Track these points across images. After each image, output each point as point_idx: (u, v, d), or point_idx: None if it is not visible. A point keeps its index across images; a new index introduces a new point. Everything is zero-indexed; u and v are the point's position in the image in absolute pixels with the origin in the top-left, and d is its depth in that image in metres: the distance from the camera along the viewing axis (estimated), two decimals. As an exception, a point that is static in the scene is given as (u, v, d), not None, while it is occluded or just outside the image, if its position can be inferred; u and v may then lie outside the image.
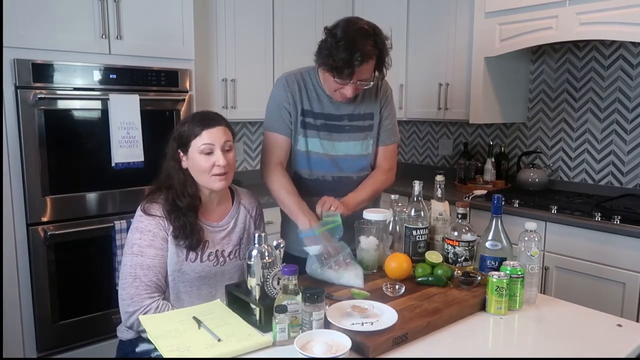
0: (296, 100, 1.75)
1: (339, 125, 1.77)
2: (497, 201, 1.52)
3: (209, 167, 1.48)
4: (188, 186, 1.52)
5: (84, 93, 2.32)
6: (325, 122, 1.76)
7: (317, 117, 1.76)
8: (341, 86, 1.64)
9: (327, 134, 1.77)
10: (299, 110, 1.75)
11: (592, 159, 2.91)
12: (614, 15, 2.33)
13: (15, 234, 2.21)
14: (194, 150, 1.48)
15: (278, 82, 1.80)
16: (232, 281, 1.60)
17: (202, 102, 2.84)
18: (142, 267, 1.45)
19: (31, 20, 2.16)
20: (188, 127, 1.50)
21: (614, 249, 2.25)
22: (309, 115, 1.75)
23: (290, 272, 1.20)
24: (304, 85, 1.77)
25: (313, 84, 1.77)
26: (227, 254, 1.59)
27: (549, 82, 3.07)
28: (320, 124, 1.76)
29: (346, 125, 1.78)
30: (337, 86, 1.66)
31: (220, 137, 1.49)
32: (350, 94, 1.65)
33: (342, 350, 1.07)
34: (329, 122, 1.77)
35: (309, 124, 1.76)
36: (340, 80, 1.61)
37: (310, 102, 1.76)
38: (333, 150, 1.77)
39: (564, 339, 1.25)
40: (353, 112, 1.79)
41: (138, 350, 1.50)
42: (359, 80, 1.63)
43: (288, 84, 1.76)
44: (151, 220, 1.48)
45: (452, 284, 1.48)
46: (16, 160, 2.19)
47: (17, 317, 2.25)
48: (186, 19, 2.60)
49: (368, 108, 1.81)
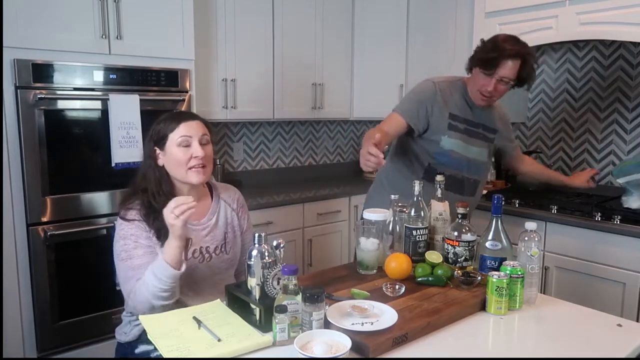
0: (446, 103, 1.96)
1: (476, 131, 2.02)
2: (497, 201, 1.52)
3: (187, 159, 1.49)
4: (163, 184, 1.52)
5: (84, 93, 2.32)
6: (467, 127, 2.00)
7: (462, 122, 1.99)
8: (484, 83, 1.88)
9: (467, 138, 2.00)
10: (447, 114, 1.96)
11: (592, 159, 2.91)
12: (614, 15, 2.33)
13: (15, 234, 2.21)
14: (172, 144, 1.50)
15: (429, 83, 2.00)
16: (221, 275, 1.60)
17: (202, 102, 2.84)
18: (132, 268, 1.46)
19: (31, 20, 2.16)
20: (164, 124, 1.52)
21: (614, 249, 2.25)
22: (456, 119, 1.98)
23: (290, 272, 1.20)
24: (452, 92, 2.00)
25: (461, 92, 2.01)
26: (213, 250, 1.59)
27: (549, 82, 3.07)
28: (464, 128, 1.99)
29: (480, 133, 2.04)
30: (482, 82, 1.89)
31: (197, 129, 1.52)
32: (492, 88, 1.87)
33: (342, 350, 1.07)
34: (470, 127, 2.01)
35: (455, 127, 1.97)
36: (486, 71, 1.86)
37: (458, 107, 1.99)
38: (469, 153, 2.01)
39: (564, 339, 1.25)
40: (485, 124, 2.05)
41: (137, 352, 1.50)
42: (501, 78, 1.85)
43: (438, 89, 1.98)
44: (130, 225, 1.49)
45: (452, 284, 1.48)
46: (16, 160, 2.19)
47: (17, 317, 2.25)
48: (186, 19, 2.60)
49: (496, 124, 2.09)
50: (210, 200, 1.65)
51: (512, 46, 1.83)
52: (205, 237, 1.58)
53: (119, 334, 1.57)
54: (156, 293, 1.38)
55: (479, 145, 2.04)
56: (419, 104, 1.96)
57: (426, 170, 2.00)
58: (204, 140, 1.53)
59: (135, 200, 1.52)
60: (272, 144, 3.67)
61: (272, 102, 3.24)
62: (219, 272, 1.60)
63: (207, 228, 1.59)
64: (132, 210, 1.51)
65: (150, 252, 1.47)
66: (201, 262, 1.56)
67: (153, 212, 1.48)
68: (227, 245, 1.63)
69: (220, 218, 1.64)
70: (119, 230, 1.51)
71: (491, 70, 1.85)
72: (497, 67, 1.84)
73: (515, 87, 1.95)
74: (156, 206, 1.48)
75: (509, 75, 1.86)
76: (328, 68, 3.50)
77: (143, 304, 1.40)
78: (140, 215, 1.49)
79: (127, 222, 1.50)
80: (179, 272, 1.38)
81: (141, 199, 1.51)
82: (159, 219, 1.45)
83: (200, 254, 1.56)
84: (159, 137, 1.52)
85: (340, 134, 4.08)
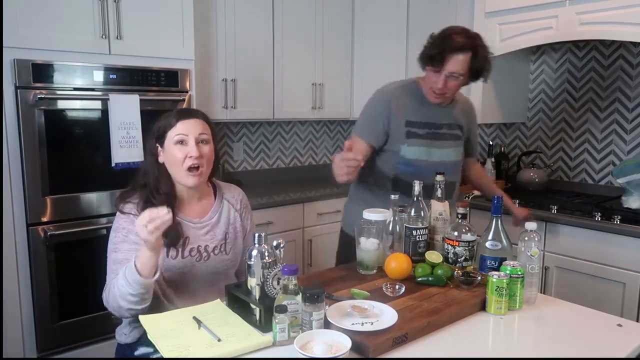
0: (401, 111, 1.87)
1: (439, 133, 1.92)
2: (497, 201, 1.52)
3: (182, 158, 1.47)
4: (162, 183, 1.51)
5: (84, 93, 2.32)
6: (429, 130, 1.89)
7: (422, 127, 1.89)
8: (435, 80, 1.80)
9: (431, 142, 1.90)
10: (404, 122, 1.87)
11: (592, 159, 2.91)
12: (614, 15, 2.33)
13: (15, 234, 2.21)
14: (169, 141, 1.49)
15: (380, 95, 1.93)
16: (218, 276, 1.59)
17: (202, 102, 2.85)
18: (115, 262, 1.46)
19: (31, 20, 2.16)
20: (165, 121, 1.52)
21: (614, 249, 2.25)
22: (414, 125, 1.88)
23: (290, 272, 1.20)
24: (406, 97, 1.90)
25: (415, 94, 1.91)
26: (212, 249, 1.58)
27: (549, 82, 3.07)
28: (425, 133, 1.89)
29: (446, 133, 1.93)
30: (432, 80, 1.81)
31: (195, 128, 1.50)
32: (441, 85, 1.79)
33: (342, 350, 1.07)
34: (432, 130, 1.90)
35: (414, 134, 1.88)
36: (433, 69, 1.77)
37: (413, 112, 1.89)
38: (434, 157, 1.90)
39: (564, 339, 1.25)
40: (452, 122, 1.95)
41: (137, 354, 1.50)
42: (450, 73, 1.77)
43: (392, 97, 1.89)
44: (125, 218, 1.49)
45: (452, 284, 1.48)
46: (16, 160, 2.19)
47: (17, 317, 2.25)
48: (186, 18, 2.60)
49: (460, 120, 1.98)
50: (213, 199, 1.65)
51: (459, 39, 1.74)
52: (205, 236, 1.58)
53: (119, 335, 1.57)
54: (124, 295, 1.35)
55: (446, 147, 1.94)
56: (374, 121, 1.89)
57: (394, 183, 1.91)
58: (202, 139, 1.51)
59: (135, 195, 1.52)
60: (272, 144, 3.67)
61: (272, 102, 3.24)
62: (217, 271, 1.59)
63: (207, 227, 1.59)
64: (129, 204, 1.51)
65: (136, 249, 1.44)
66: (198, 260, 1.55)
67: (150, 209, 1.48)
68: (227, 245, 1.62)
69: (222, 218, 1.63)
70: (115, 221, 1.52)
71: (439, 67, 1.77)
72: (445, 63, 1.75)
73: (470, 82, 1.86)
74: (155, 203, 1.48)
75: (459, 70, 1.76)
76: (328, 68, 3.50)
77: (113, 302, 1.39)
78: (137, 209, 1.48)
79: (122, 215, 1.50)
80: (148, 280, 1.33)
81: (140, 194, 1.51)
82: None
83: (198, 252, 1.55)
84: (159, 133, 1.52)
85: (340, 134, 4.08)
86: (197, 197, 1.60)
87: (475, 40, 1.77)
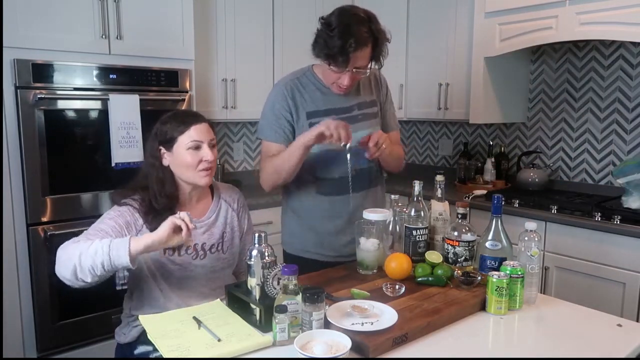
0: (298, 106, 1.73)
1: (351, 116, 1.76)
2: (497, 201, 1.52)
3: (196, 162, 1.50)
4: (167, 185, 1.52)
5: (84, 93, 2.32)
6: (337, 116, 1.70)
7: (327, 114, 1.72)
8: (338, 76, 1.65)
9: None
10: (304, 115, 1.73)
11: (592, 159, 2.91)
12: (614, 15, 2.33)
13: (15, 234, 2.21)
14: (180, 146, 1.49)
15: (275, 91, 1.78)
16: (215, 274, 1.60)
17: (202, 102, 2.85)
18: (95, 228, 1.43)
19: (31, 20, 2.16)
20: (172, 125, 1.51)
21: (614, 249, 2.25)
22: (317, 115, 1.72)
23: (290, 272, 1.20)
24: (303, 88, 1.76)
25: (313, 83, 1.77)
26: (209, 248, 1.59)
27: (549, 82, 3.07)
28: None
29: (358, 115, 1.78)
30: (335, 76, 1.66)
31: (207, 133, 1.53)
32: (348, 82, 1.66)
33: (342, 350, 1.07)
34: (341, 115, 1.73)
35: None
36: (337, 69, 1.62)
37: (314, 102, 1.74)
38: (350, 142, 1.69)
39: (564, 339, 1.25)
40: (360, 101, 1.79)
41: (136, 353, 1.50)
42: (355, 68, 1.62)
43: (286, 92, 1.74)
44: (119, 209, 1.49)
45: (452, 284, 1.48)
46: (16, 160, 2.19)
47: (17, 317, 2.25)
48: (186, 19, 2.60)
49: (372, 96, 1.83)
50: (210, 199, 1.66)
51: (362, 31, 1.57)
52: (202, 235, 1.58)
53: (119, 335, 1.57)
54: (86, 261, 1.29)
55: (360, 129, 1.74)
56: (277, 119, 1.73)
57: (318, 185, 1.77)
58: (212, 143, 1.54)
59: (134, 196, 1.52)
60: (272, 144, 3.67)
61: (272, 102, 3.23)
62: (214, 270, 1.60)
63: (205, 226, 1.60)
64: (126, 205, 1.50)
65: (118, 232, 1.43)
66: (194, 258, 1.56)
67: (152, 212, 1.48)
68: (225, 244, 1.63)
69: (220, 217, 1.64)
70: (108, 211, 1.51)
71: (343, 67, 1.61)
72: (350, 62, 1.59)
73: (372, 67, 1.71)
74: (156, 206, 1.48)
75: (364, 63, 1.63)
76: (328, 68, 3.49)
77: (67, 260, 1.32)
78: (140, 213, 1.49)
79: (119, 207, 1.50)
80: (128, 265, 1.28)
81: (141, 197, 1.51)
82: (157, 218, 1.45)
83: (194, 250, 1.56)
84: (165, 137, 1.51)
85: (340, 134, 4.07)
86: (195, 197, 1.61)
87: (376, 25, 1.63)
